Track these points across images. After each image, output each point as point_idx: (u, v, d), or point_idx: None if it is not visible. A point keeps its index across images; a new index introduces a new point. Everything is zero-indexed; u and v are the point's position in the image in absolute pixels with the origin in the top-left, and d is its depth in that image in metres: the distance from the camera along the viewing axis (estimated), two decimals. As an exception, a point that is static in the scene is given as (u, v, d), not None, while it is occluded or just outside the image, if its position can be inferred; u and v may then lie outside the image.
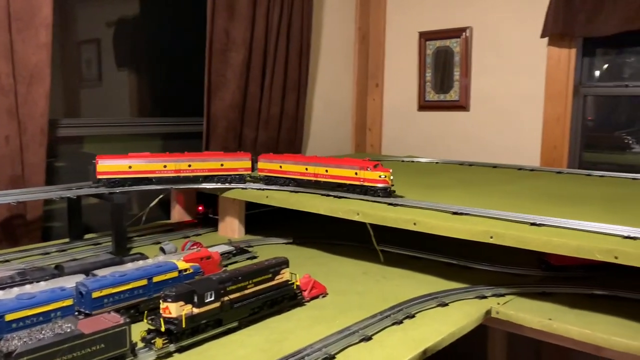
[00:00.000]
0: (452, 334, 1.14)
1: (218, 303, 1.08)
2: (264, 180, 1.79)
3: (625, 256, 1.07)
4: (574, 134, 2.46)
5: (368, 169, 1.58)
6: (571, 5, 2.24)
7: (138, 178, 1.72)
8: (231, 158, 1.79)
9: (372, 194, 1.57)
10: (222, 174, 1.79)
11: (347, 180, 1.61)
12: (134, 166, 1.71)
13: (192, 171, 1.75)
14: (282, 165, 1.74)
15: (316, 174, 1.68)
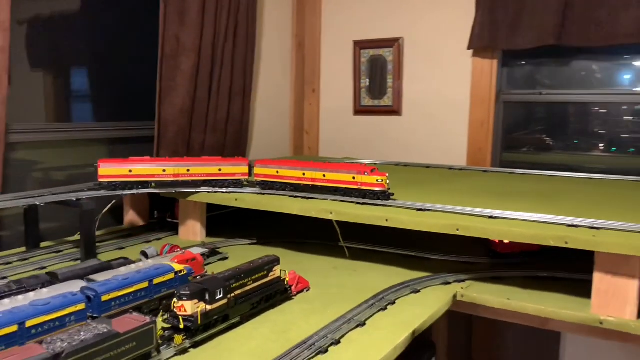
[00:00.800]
0: (432, 315, 1.29)
1: (225, 300, 1.15)
2: (261, 185, 1.82)
3: (574, 241, 1.27)
4: (496, 137, 2.74)
5: (365, 173, 1.65)
6: (493, 22, 2.50)
7: (138, 182, 1.76)
8: (229, 163, 1.83)
9: (370, 197, 1.64)
10: (220, 178, 1.82)
11: (345, 184, 1.68)
12: (134, 170, 1.74)
13: (191, 176, 1.79)
14: (279, 170, 1.79)
15: (314, 178, 1.73)
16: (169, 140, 2.30)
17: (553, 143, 2.74)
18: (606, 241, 1.24)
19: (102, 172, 1.74)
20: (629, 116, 2.57)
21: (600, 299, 1.29)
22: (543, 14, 2.38)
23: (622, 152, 2.59)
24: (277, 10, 2.98)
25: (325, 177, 1.72)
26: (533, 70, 2.74)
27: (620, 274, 1.25)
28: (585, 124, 2.68)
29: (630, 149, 2.57)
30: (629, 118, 2.58)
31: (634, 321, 1.25)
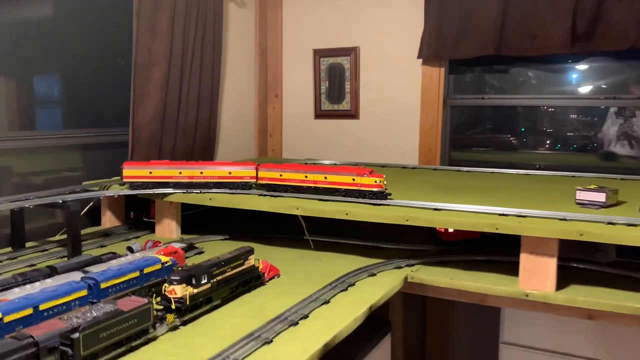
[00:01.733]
0: (386, 294, 1.51)
1: (209, 284, 1.33)
2: (266, 187, 1.94)
3: (503, 227, 1.51)
4: (444, 138, 3.00)
5: (365, 175, 1.78)
6: (440, 33, 2.75)
7: (157, 182, 1.94)
8: (238, 167, 1.95)
9: (370, 197, 1.77)
10: (230, 181, 1.95)
11: (345, 185, 1.80)
12: (154, 172, 1.93)
13: (204, 178, 1.94)
14: (282, 174, 1.90)
15: (315, 181, 1.85)
16: (142, 145, 2.44)
17: (495, 143, 3.03)
18: (529, 227, 1.48)
19: (126, 173, 1.95)
20: (564, 117, 2.88)
21: (526, 276, 1.53)
22: (484, 26, 2.64)
23: (557, 149, 2.89)
24: (241, 21, 3.15)
25: (327, 179, 1.83)
26: (477, 77, 3.01)
27: (541, 253, 1.50)
28: (524, 125, 2.97)
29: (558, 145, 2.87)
30: (564, 119, 2.88)
31: (553, 293, 1.50)
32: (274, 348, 1.14)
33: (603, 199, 1.69)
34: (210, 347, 1.14)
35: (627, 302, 1.44)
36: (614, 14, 2.39)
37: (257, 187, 1.97)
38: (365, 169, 1.83)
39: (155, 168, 1.96)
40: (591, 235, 1.41)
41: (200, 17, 2.65)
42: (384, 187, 1.78)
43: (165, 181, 1.96)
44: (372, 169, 1.84)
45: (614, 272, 1.66)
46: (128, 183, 1.97)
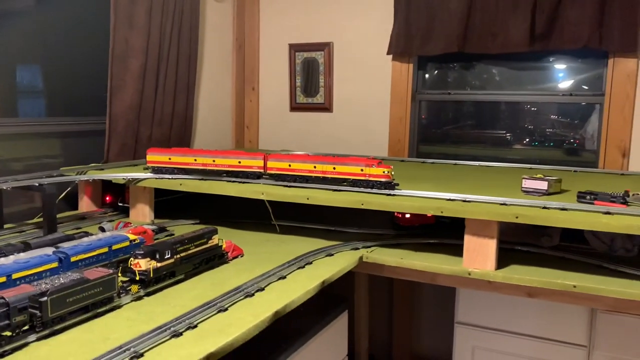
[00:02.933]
0: (339, 271, 1.62)
1: (173, 259, 1.44)
2: (274, 177, 1.99)
3: (447, 211, 1.64)
4: (412, 131, 3.13)
5: (373, 166, 1.82)
6: (408, 31, 2.88)
7: (175, 168, 2.09)
8: (248, 157, 2.02)
9: (378, 187, 1.81)
10: (239, 170, 2.03)
11: (354, 176, 1.85)
12: (173, 158, 2.07)
13: (216, 166, 2.04)
14: (291, 164, 1.95)
15: (324, 171, 1.90)
16: (118, 133, 2.54)
17: (462, 136, 3.16)
18: (471, 210, 1.61)
19: (149, 158, 2.13)
20: (527, 112, 3.02)
21: (469, 256, 1.66)
22: (449, 25, 2.77)
23: (520, 143, 3.03)
24: (219, 16, 3.25)
25: (335, 170, 1.88)
26: (444, 73, 3.14)
27: (482, 235, 1.63)
28: (488, 120, 3.11)
29: (522, 139, 3.01)
30: (527, 114, 3.02)
31: (493, 272, 1.63)
32: (228, 315, 1.26)
33: (545, 187, 1.82)
34: (170, 314, 1.25)
35: (558, 279, 1.57)
36: (569, 15, 2.53)
37: (266, 176, 2.03)
38: (373, 160, 1.86)
39: (174, 155, 2.10)
40: (525, 218, 1.55)
41: (177, 10, 2.74)
42: (391, 177, 1.82)
43: (181, 167, 2.09)
44: (380, 160, 1.88)
45: (555, 255, 1.80)
46: (150, 167, 2.14)
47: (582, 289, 1.54)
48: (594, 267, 1.68)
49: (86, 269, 1.29)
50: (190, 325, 1.18)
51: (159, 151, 2.14)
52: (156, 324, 1.18)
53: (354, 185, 1.86)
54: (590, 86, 2.80)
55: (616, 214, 1.53)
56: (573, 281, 1.56)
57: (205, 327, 1.19)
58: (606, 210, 1.55)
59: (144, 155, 2.66)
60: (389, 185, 1.82)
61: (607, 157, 2.63)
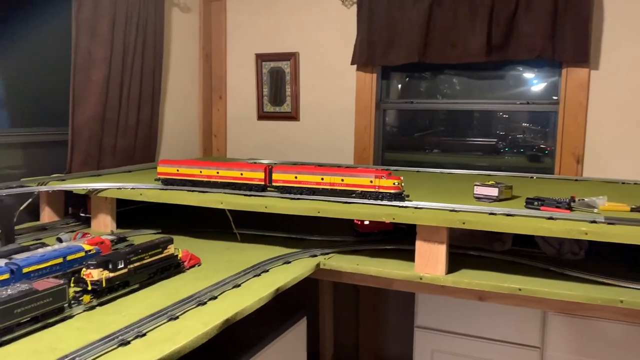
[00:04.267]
0: (294, 278, 1.66)
1: (126, 269, 1.46)
2: (280, 189, 1.95)
3: (399, 217, 1.69)
4: (377, 139, 3.18)
5: (383, 177, 1.79)
6: (371, 41, 2.94)
7: (182, 179, 2.09)
8: (249, 169, 2.00)
9: (387, 199, 1.78)
10: (242, 182, 2.00)
11: (363, 187, 1.81)
12: (180, 170, 2.08)
13: (220, 178, 2.03)
14: (298, 176, 1.92)
15: (332, 183, 1.87)
16: (82, 144, 2.54)
17: (426, 144, 3.23)
18: (422, 216, 1.66)
19: (159, 169, 2.14)
20: (490, 121, 3.10)
21: (421, 261, 1.71)
22: (410, 35, 2.83)
23: (481, 151, 3.11)
24: (185, 26, 3.27)
25: (344, 182, 1.85)
26: (407, 82, 3.21)
27: (433, 240, 1.68)
28: (453, 128, 3.19)
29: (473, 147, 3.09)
30: (488, 123, 3.10)
31: (443, 276, 1.68)
32: (178, 323, 1.28)
33: (496, 193, 1.88)
34: (121, 322, 1.26)
35: (505, 283, 1.63)
36: (524, 26, 2.62)
37: (271, 189, 1.99)
38: (382, 171, 1.84)
39: (181, 167, 2.10)
40: (472, 224, 1.60)
41: (142, 21, 2.76)
42: (401, 188, 1.80)
43: (188, 179, 2.09)
44: (389, 171, 1.85)
45: (505, 259, 1.86)
46: (160, 179, 2.14)
47: (527, 291, 1.59)
48: (541, 270, 1.74)
49: (37, 280, 1.30)
50: (139, 333, 1.20)
51: (168, 163, 2.14)
52: (106, 333, 1.20)
53: (362, 197, 1.82)
54: (546, 95, 2.89)
55: (558, 219, 1.59)
56: (519, 284, 1.61)
57: (154, 335, 1.21)
58: (549, 215, 1.61)
59: (108, 166, 2.69)
60: (399, 196, 1.79)
61: (563, 164, 2.72)
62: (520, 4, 2.62)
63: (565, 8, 2.56)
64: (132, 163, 2.83)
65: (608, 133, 2.66)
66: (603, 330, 1.98)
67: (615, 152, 2.65)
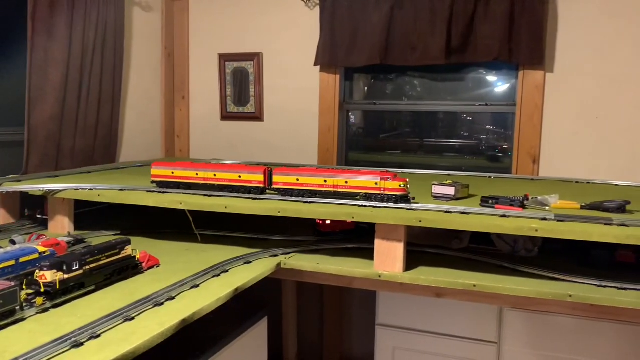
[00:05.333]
0: (254, 278, 1.66)
1: (81, 270, 1.44)
2: (281, 192, 1.90)
3: (358, 216, 1.71)
4: (341, 140, 3.21)
5: (388, 179, 1.75)
6: (333, 43, 2.96)
7: (178, 182, 2.02)
8: (247, 171, 1.94)
9: (393, 201, 1.74)
10: (240, 185, 1.94)
11: (367, 190, 1.77)
12: (175, 172, 2.01)
13: (217, 180, 1.97)
14: (300, 178, 1.88)
15: (335, 185, 1.82)
16: (39, 144, 2.49)
17: (391, 144, 3.28)
18: (380, 215, 1.69)
19: (153, 172, 2.06)
20: (455, 122, 3.16)
21: (380, 259, 1.73)
22: (371, 37, 2.87)
23: (445, 151, 3.17)
24: (147, 25, 3.24)
25: (348, 184, 1.80)
26: (373, 84, 3.25)
27: (391, 239, 1.71)
28: (417, 128, 3.24)
29: (436, 148, 3.15)
30: (450, 124, 3.16)
31: (400, 273, 1.71)
32: (134, 324, 1.27)
33: (453, 192, 1.93)
34: (75, 324, 1.25)
35: (460, 279, 1.67)
36: (481, 30, 2.68)
37: (271, 191, 1.94)
38: (388, 173, 1.81)
39: (177, 169, 2.03)
40: (428, 222, 1.63)
41: (101, 20, 2.72)
42: (407, 191, 1.76)
43: (184, 182, 2.02)
44: (395, 173, 1.82)
45: (462, 256, 1.90)
46: (155, 182, 2.06)
47: (481, 287, 1.64)
48: (495, 267, 1.79)
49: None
50: (93, 334, 1.19)
51: (162, 165, 2.07)
52: (59, 335, 1.18)
53: (367, 200, 1.78)
54: (505, 97, 2.97)
55: (511, 216, 1.64)
56: (474, 281, 1.66)
57: (108, 336, 1.20)
58: (502, 213, 1.66)
59: (67, 166, 2.64)
60: (405, 199, 1.76)
61: (520, 164, 2.80)
62: (479, 8, 2.68)
63: (521, 13, 2.63)
64: (91, 164, 2.79)
65: (562, 133, 2.75)
66: (555, 324, 2.05)
67: (569, 152, 2.74)
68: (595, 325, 2.02)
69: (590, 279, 1.64)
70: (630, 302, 1.52)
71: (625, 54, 2.61)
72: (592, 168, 2.69)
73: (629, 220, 1.57)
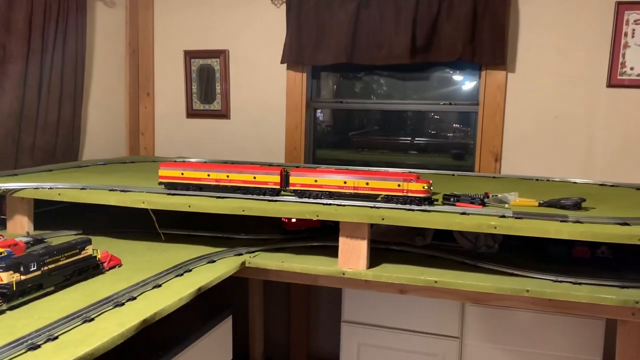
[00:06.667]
0: (218, 277, 1.65)
1: (39, 271, 1.41)
2: (298, 193, 1.85)
3: (322, 214, 1.72)
4: (308, 138, 3.22)
5: (412, 181, 1.71)
6: (300, 41, 2.96)
7: (188, 183, 1.94)
8: (263, 172, 1.88)
9: (416, 203, 1.71)
10: (255, 186, 1.88)
11: (389, 191, 1.73)
12: (186, 173, 1.92)
13: (230, 181, 1.90)
14: (318, 179, 1.82)
15: (356, 186, 1.78)
16: (-4, 141, 2.42)
17: (355, 143, 3.30)
18: (344, 213, 1.70)
19: (161, 173, 1.97)
20: (415, 121, 3.20)
21: (344, 257, 1.75)
22: (337, 36, 2.88)
23: (411, 149, 3.21)
24: (110, 21, 3.18)
25: (369, 185, 1.77)
26: (341, 82, 3.27)
27: (355, 236, 1.73)
28: (384, 127, 3.27)
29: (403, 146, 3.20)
30: (416, 122, 3.20)
31: (364, 271, 1.73)
32: (93, 325, 1.25)
33: (416, 190, 1.95)
34: (32, 326, 1.22)
35: (422, 275, 1.70)
36: (445, 30, 2.73)
37: (288, 193, 1.89)
38: (411, 174, 1.76)
39: (187, 170, 1.95)
40: (391, 219, 1.66)
41: (62, 15, 2.66)
42: (430, 192, 1.74)
43: (195, 183, 1.95)
44: (418, 174, 1.79)
45: (425, 253, 1.94)
46: (163, 183, 1.98)
47: (442, 284, 1.67)
48: (457, 263, 1.83)
49: (-61, 285, 1.24)
50: (50, 337, 1.17)
51: (171, 166, 1.98)
52: (14, 337, 1.16)
53: (387, 202, 1.75)
54: (470, 96, 3.03)
55: (471, 214, 1.67)
56: (435, 277, 1.69)
57: (66, 338, 1.18)
58: (463, 210, 1.69)
59: (27, 165, 2.58)
60: (429, 201, 1.73)
61: (482, 162, 2.86)
62: (442, 8, 2.72)
63: (484, 14, 2.69)
64: (53, 162, 2.73)
65: (523, 132, 2.82)
66: (515, 318, 2.11)
67: (530, 150, 2.81)
68: (553, 319, 2.09)
69: (547, 274, 1.69)
70: (585, 296, 1.57)
71: (582, 55, 2.70)
72: (551, 166, 2.77)
73: (583, 217, 1.62)
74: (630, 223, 1.58)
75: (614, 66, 2.63)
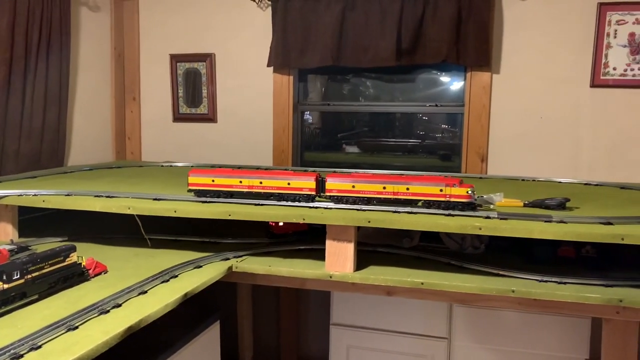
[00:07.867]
0: (204, 282, 1.65)
1: (22, 280, 1.40)
2: (334, 199, 1.81)
3: (309, 218, 1.72)
4: (296, 140, 3.22)
5: (454, 185, 1.67)
6: (286, 44, 2.96)
7: (220, 190, 1.90)
8: (297, 177, 1.84)
9: (459, 209, 1.67)
10: (289, 192, 1.84)
11: (431, 197, 1.69)
12: (216, 180, 1.88)
13: (263, 188, 1.85)
14: (355, 185, 1.78)
15: (396, 192, 1.73)
16: (-21, 147, 2.40)
17: (343, 145, 3.31)
18: (330, 216, 1.71)
19: (190, 180, 1.92)
20: (403, 123, 3.21)
21: (330, 259, 1.75)
22: (324, 39, 2.88)
23: (400, 151, 3.22)
24: (95, 25, 3.16)
25: (409, 190, 1.72)
26: (329, 84, 3.27)
27: (341, 239, 1.73)
28: (369, 129, 3.28)
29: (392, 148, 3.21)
30: (404, 124, 3.21)
31: (351, 273, 1.74)
32: (77, 333, 1.24)
33: (402, 192, 1.96)
34: (15, 336, 1.21)
35: (409, 277, 1.70)
36: (430, 32, 2.74)
37: (324, 199, 1.85)
38: (453, 179, 1.72)
39: (217, 176, 1.91)
40: (377, 222, 1.66)
41: (45, 20, 2.64)
42: (473, 198, 1.69)
43: (226, 190, 1.90)
44: (460, 179, 1.75)
45: (412, 255, 1.94)
46: (192, 191, 1.93)
47: (429, 285, 1.68)
48: (443, 264, 1.84)
49: None
50: (33, 346, 1.16)
51: (201, 172, 1.93)
52: (-3, 347, 1.15)
53: (428, 207, 1.71)
54: (456, 98, 3.04)
55: (456, 215, 1.68)
56: (422, 279, 1.69)
57: (50, 347, 1.17)
58: (448, 212, 1.70)
59: (11, 171, 2.55)
60: (472, 206, 1.69)
61: (469, 162, 2.87)
62: (427, 11, 2.74)
63: (468, 16, 2.70)
64: (38, 168, 2.70)
65: (508, 133, 2.83)
66: (502, 318, 2.12)
67: (515, 151, 2.83)
68: (540, 319, 2.10)
69: (533, 274, 1.70)
70: (570, 295, 1.58)
71: (566, 56, 2.72)
72: (537, 166, 2.79)
73: (567, 217, 1.64)
74: (613, 222, 1.59)
75: (597, 67, 2.66)
